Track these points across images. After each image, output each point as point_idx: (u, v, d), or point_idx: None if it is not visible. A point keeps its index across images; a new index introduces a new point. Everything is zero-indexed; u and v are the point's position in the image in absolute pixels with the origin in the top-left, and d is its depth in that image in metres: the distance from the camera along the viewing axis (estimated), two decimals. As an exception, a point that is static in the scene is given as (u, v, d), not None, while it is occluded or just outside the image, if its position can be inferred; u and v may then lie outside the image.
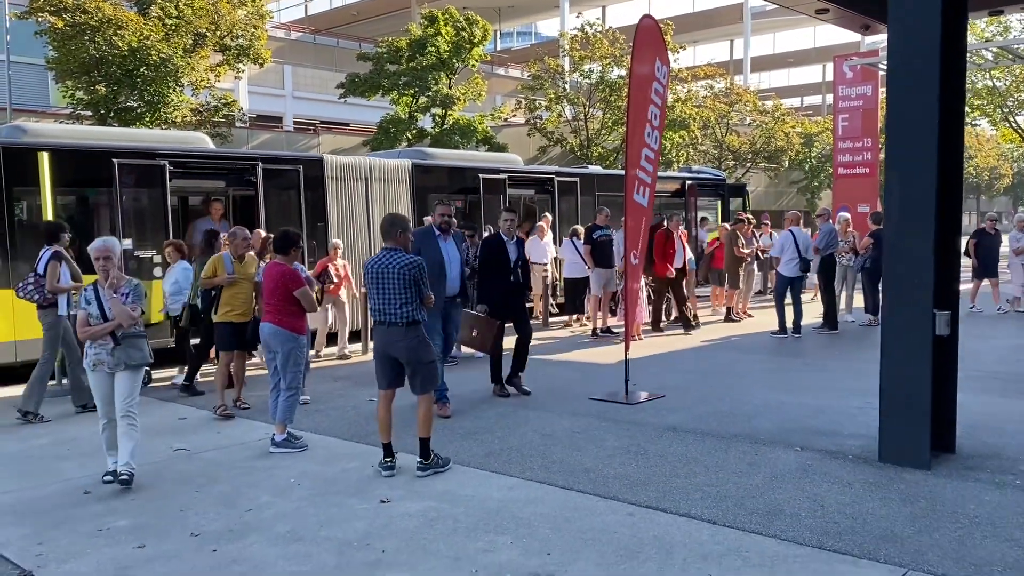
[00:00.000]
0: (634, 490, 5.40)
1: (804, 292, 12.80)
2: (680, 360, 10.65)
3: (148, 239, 10.87)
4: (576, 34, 30.58)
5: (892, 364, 5.84)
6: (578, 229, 13.39)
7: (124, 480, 5.62)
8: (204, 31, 20.79)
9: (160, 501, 5.43)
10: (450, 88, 27.19)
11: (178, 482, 5.84)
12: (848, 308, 14.00)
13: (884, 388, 5.89)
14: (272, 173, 12.05)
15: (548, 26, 61.83)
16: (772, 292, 13.93)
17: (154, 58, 19.51)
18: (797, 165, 42.74)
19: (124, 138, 11.74)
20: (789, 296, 12.51)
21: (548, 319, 14.03)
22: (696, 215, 18.46)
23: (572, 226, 13.99)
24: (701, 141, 33.47)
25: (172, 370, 9.76)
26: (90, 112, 20.47)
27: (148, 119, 20.36)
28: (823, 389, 8.52)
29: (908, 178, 5.73)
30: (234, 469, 6.14)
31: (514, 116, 32.26)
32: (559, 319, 14.22)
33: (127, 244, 10.42)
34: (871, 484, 5.42)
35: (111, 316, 5.69)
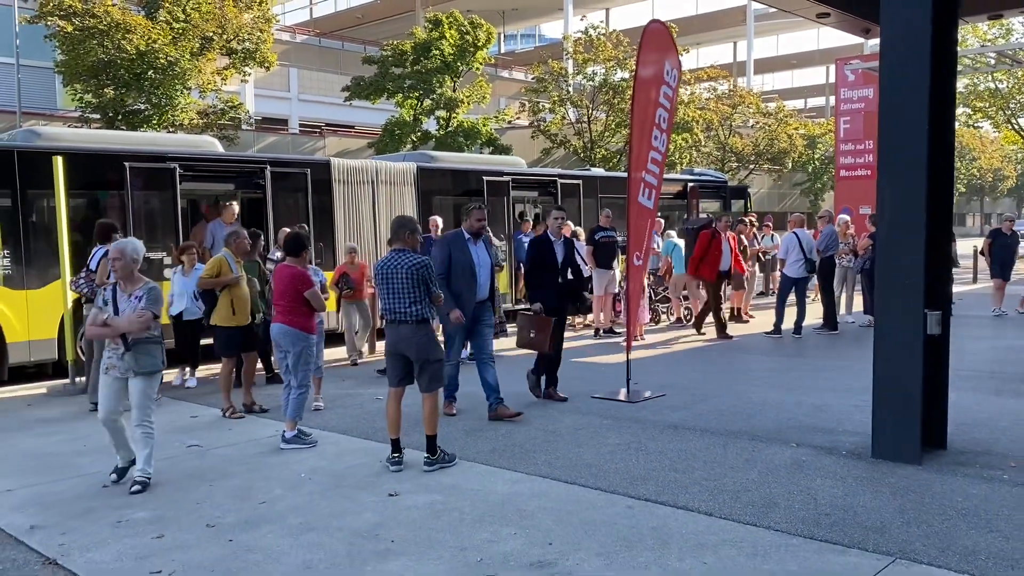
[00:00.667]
0: (634, 484, 5.58)
1: (809, 292, 12.93)
2: (682, 360, 10.84)
3: (159, 240, 11.09)
4: (580, 37, 30.80)
5: (884, 362, 6.01)
6: (579, 231, 13.57)
7: (139, 485, 5.64)
8: (211, 35, 21.05)
9: (176, 495, 5.61)
10: (454, 91, 27.42)
11: (192, 477, 6.03)
12: (848, 309, 14.18)
13: (877, 386, 6.06)
14: (280, 176, 12.27)
15: (552, 28, 62.19)
16: (773, 293, 14.11)
17: (162, 61, 19.78)
18: (800, 167, 42.91)
19: (135, 142, 11.96)
20: (792, 297, 12.70)
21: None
22: (697, 217, 18.63)
23: (574, 228, 14.16)
24: (704, 143, 33.66)
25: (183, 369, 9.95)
26: (98, 115, 20.74)
27: (155, 122, 20.63)
28: (822, 388, 8.70)
29: (899, 179, 5.90)
30: (246, 465, 6.33)
31: (518, 119, 32.49)
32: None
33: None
34: (863, 479, 5.60)
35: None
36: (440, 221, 11.71)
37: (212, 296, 8.22)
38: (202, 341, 9.62)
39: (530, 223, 14.31)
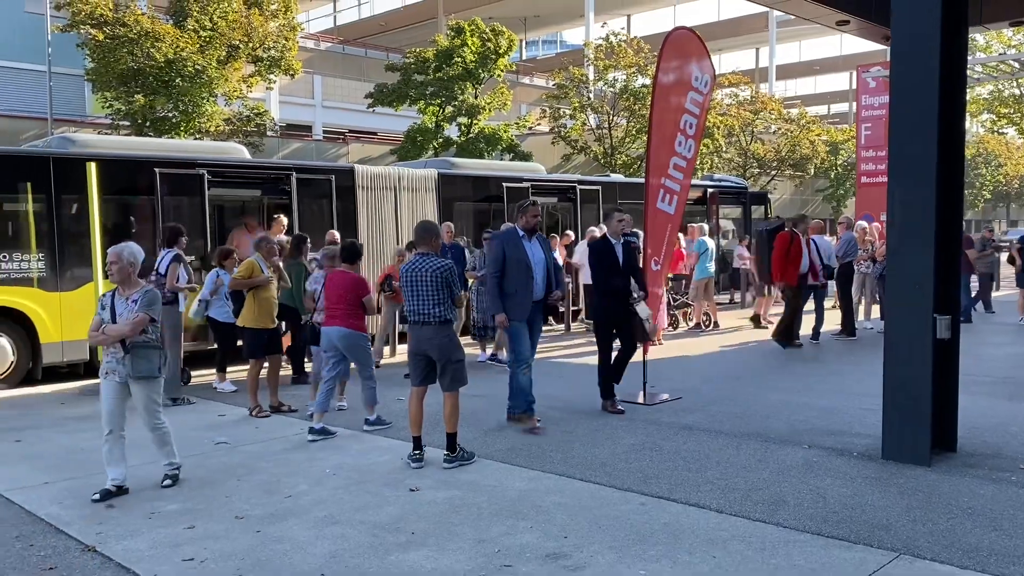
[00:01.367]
0: (647, 482, 5.74)
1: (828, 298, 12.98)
2: (699, 364, 10.98)
3: (187, 245, 11.34)
4: (601, 43, 30.96)
5: (895, 366, 6.14)
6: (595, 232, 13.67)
7: (169, 480, 5.86)
8: (237, 43, 21.42)
9: (205, 489, 5.84)
10: (476, 98, 27.65)
11: (221, 472, 6.26)
12: (867, 315, 14.22)
13: (887, 389, 6.19)
14: (305, 182, 12.56)
15: (573, 35, 62.31)
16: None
17: (189, 69, 20.15)
18: (823, 173, 42.75)
19: (165, 148, 12.28)
20: (811, 303, 12.75)
21: (570, 325, 14.41)
22: (718, 223, 18.74)
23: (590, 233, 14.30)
24: (725, 149, 33.68)
25: (211, 370, 10.21)
26: (127, 122, 21.17)
27: (183, 128, 21.02)
28: (836, 392, 8.81)
29: (909, 185, 6.03)
30: (273, 461, 6.55)
31: (539, 125, 32.66)
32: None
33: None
34: (872, 479, 5.73)
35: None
36: (452, 227, 11.76)
37: (242, 296, 8.63)
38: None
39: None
